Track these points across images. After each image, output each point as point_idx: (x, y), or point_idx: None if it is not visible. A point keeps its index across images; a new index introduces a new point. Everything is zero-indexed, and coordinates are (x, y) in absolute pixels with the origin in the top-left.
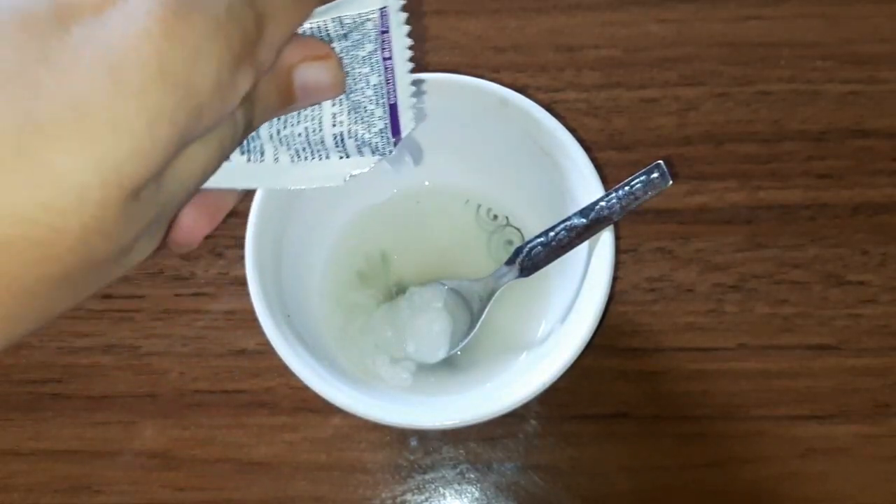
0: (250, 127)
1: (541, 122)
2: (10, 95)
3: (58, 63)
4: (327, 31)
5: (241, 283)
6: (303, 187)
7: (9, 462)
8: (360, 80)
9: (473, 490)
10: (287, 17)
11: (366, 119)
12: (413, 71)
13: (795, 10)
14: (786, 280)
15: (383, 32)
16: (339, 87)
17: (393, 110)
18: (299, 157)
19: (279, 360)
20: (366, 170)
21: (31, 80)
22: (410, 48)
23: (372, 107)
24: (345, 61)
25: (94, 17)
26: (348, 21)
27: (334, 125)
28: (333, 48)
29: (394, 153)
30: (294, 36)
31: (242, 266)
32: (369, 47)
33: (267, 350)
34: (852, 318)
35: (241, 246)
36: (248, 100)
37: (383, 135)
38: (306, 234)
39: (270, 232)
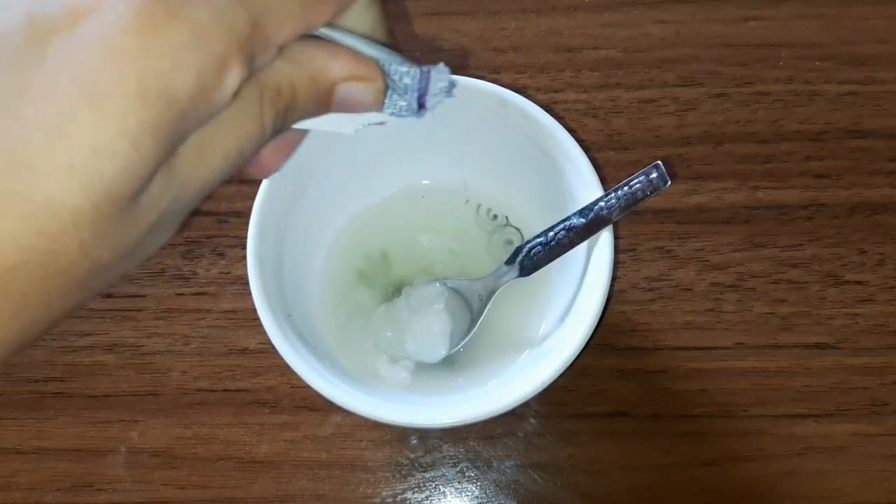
0: (281, 129)
1: (540, 123)
2: None
3: (36, 91)
4: None
5: (243, 282)
6: (314, 128)
7: (11, 460)
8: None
9: (473, 488)
10: (290, 21)
11: (396, 82)
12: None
13: (794, 11)
14: (784, 279)
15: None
16: (378, 105)
17: (422, 97)
18: None
19: (280, 359)
20: (381, 122)
21: (11, 113)
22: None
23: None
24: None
25: (70, 33)
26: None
27: None
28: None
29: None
30: (342, 51)
31: (244, 266)
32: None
33: (268, 349)
34: (850, 317)
35: (243, 245)
36: (283, 104)
37: (408, 103)
38: (307, 233)
39: (272, 232)
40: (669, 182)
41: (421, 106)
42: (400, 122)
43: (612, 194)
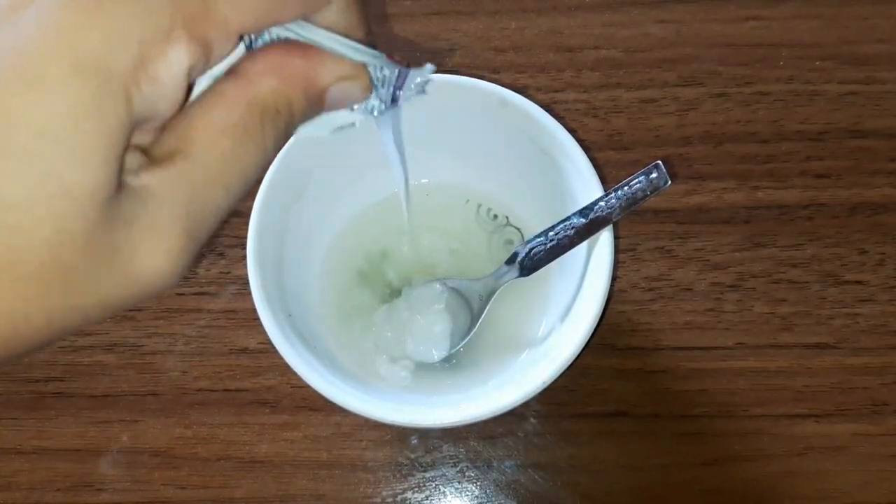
0: (285, 138)
1: (540, 123)
2: None
3: None
4: None
5: (243, 282)
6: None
7: (12, 460)
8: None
9: (473, 488)
10: (250, 9)
11: (375, 81)
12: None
13: (794, 11)
14: (784, 279)
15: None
16: (364, 98)
17: (396, 91)
18: None
19: (280, 358)
20: (353, 123)
21: None
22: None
23: (378, 79)
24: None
25: (11, 21)
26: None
27: None
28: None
29: (384, 117)
30: (327, 56)
31: (244, 265)
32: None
33: (268, 349)
34: (850, 317)
35: (243, 245)
36: (283, 122)
37: (379, 99)
38: (307, 233)
39: (272, 231)
40: (669, 182)
41: (394, 101)
42: (400, 121)
43: (612, 194)
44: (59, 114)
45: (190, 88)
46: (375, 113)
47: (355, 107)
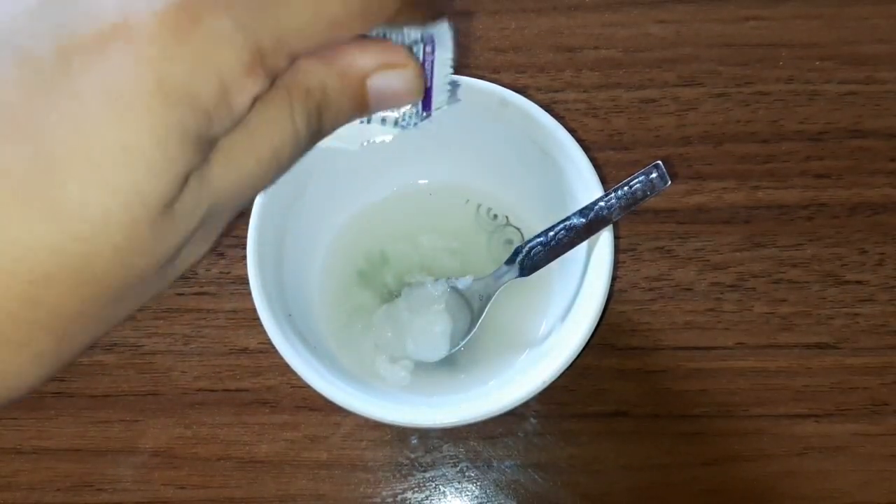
0: (319, 134)
1: (540, 123)
2: (18, 139)
3: (62, 99)
4: None
5: (243, 282)
6: (321, 145)
7: (12, 460)
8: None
9: (473, 488)
10: (312, 34)
11: None
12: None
13: (794, 11)
14: (784, 279)
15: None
16: (417, 94)
17: (427, 91)
18: None
19: (280, 358)
20: (386, 139)
21: (36, 120)
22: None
23: None
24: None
25: (96, 49)
26: None
27: None
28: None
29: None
30: (369, 42)
31: (244, 265)
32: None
33: (268, 349)
34: (850, 317)
35: (243, 245)
36: (314, 104)
37: (413, 106)
38: (307, 232)
39: (272, 231)
40: (669, 182)
41: (426, 108)
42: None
43: (612, 194)
44: (141, 133)
45: None
46: (410, 126)
47: (387, 117)
